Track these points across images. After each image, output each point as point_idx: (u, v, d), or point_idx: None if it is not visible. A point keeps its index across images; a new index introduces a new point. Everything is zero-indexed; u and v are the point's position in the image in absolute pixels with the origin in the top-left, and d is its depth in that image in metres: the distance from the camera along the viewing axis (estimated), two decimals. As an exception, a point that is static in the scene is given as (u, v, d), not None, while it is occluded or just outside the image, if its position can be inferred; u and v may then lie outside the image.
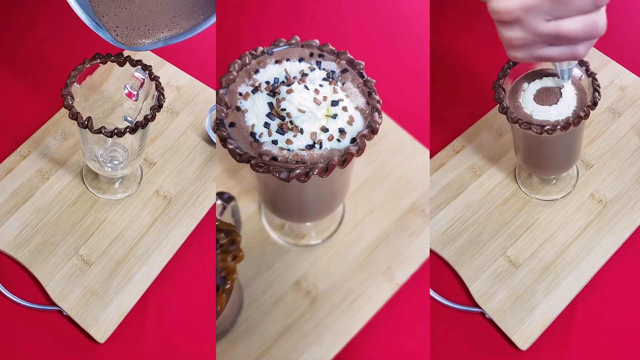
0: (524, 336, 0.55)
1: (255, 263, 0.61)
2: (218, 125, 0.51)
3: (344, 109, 0.51)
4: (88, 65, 0.55)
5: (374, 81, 0.53)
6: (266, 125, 0.50)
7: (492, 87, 0.54)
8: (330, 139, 0.50)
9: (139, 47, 0.53)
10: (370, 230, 0.63)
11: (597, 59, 0.68)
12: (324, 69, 0.53)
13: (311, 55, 0.54)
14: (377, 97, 0.52)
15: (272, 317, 0.59)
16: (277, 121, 0.50)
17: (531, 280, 0.57)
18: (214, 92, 0.68)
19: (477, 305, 0.57)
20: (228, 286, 0.50)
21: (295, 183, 0.50)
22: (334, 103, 0.51)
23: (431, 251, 0.60)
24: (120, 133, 0.54)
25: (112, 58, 0.55)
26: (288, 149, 0.50)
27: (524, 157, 0.59)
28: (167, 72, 0.69)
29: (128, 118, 0.59)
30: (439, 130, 0.66)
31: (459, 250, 0.59)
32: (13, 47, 0.70)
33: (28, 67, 0.69)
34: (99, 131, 0.53)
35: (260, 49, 0.54)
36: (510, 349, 0.56)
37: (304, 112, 0.50)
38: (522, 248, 0.59)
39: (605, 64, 0.68)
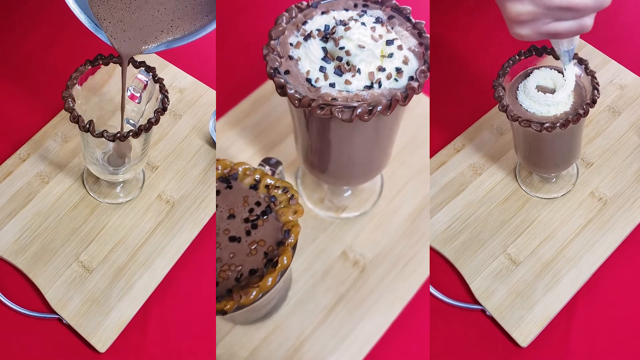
0: (524, 333, 0.58)
1: (299, 238, 0.61)
2: (273, 73, 0.52)
3: (399, 47, 0.53)
4: (89, 67, 0.56)
5: (424, 22, 0.55)
6: (322, 69, 0.52)
7: (492, 85, 0.57)
8: (389, 77, 0.52)
9: (138, 52, 0.54)
10: (410, 199, 0.66)
11: (596, 58, 0.71)
12: (371, 16, 0.55)
13: (355, 6, 0.56)
14: (428, 36, 0.54)
15: (324, 288, 0.62)
16: (334, 64, 0.52)
17: (531, 277, 0.60)
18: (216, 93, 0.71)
19: (477, 303, 0.60)
20: (292, 239, 0.52)
21: (347, 133, 0.52)
22: (389, 42, 0.52)
23: (432, 249, 0.63)
24: (122, 137, 0.55)
25: (114, 59, 0.56)
26: (347, 91, 0.51)
27: (524, 156, 0.62)
28: (170, 73, 0.71)
29: (130, 121, 0.61)
30: (440, 129, 0.69)
31: (459, 248, 0.62)
32: (13, 49, 0.72)
33: (28, 69, 0.71)
34: (100, 135, 0.54)
35: (305, 3, 0.56)
36: (511, 346, 0.58)
37: (363, 47, 0.51)
38: (523, 246, 0.62)
39: (605, 63, 0.71)
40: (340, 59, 0.52)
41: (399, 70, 0.52)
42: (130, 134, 0.55)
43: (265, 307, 0.59)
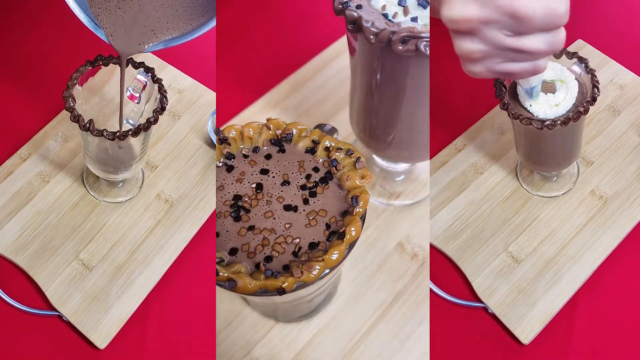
0: (526, 330, 0.59)
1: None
2: (346, 6, 0.47)
3: None
4: (90, 68, 0.58)
5: None
6: (401, 2, 0.46)
7: (494, 84, 0.58)
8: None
9: (136, 51, 0.56)
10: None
11: (596, 58, 0.73)
12: None
13: None
14: None
15: (378, 283, 0.57)
16: None
17: (533, 275, 0.61)
18: (216, 94, 0.72)
19: (479, 300, 0.61)
20: (360, 208, 0.46)
21: (427, 81, 0.45)
22: None
23: (434, 247, 0.64)
24: (122, 136, 0.56)
25: (114, 60, 0.58)
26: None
27: (525, 154, 0.63)
28: (169, 74, 0.73)
29: (130, 121, 0.62)
30: (441, 130, 0.70)
31: (461, 246, 0.63)
32: (14, 49, 0.74)
33: (29, 69, 0.73)
34: (100, 134, 0.56)
35: None
36: (513, 343, 0.60)
37: None
38: (524, 244, 0.63)
39: (605, 63, 0.73)
40: None
41: None
42: (130, 133, 0.56)
43: (315, 300, 0.53)
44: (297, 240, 0.46)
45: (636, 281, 0.62)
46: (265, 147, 0.51)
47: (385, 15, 0.47)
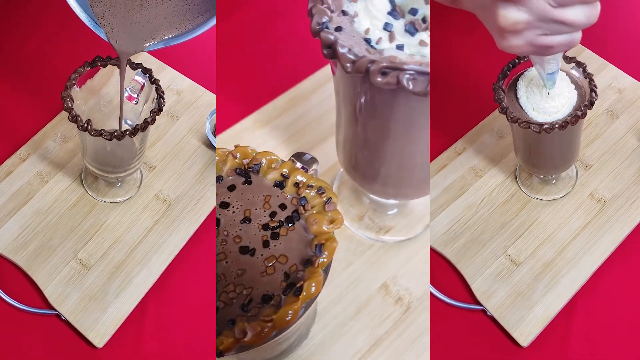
0: (524, 333, 0.60)
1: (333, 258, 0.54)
2: (322, 27, 0.42)
3: None
4: (88, 68, 0.59)
5: None
6: (387, 27, 0.42)
7: (492, 88, 0.59)
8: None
9: (136, 51, 0.56)
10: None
11: (595, 63, 0.74)
12: None
13: None
14: None
15: (356, 328, 0.52)
16: (403, 20, 0.41)
17: (531, 278, 0.62)
18: (214, 96, 0.73)
19: (478, 303, 0.62)
20: (325, 258, 0.41)
21: (414, 117, 0.40)
22: None
23: (433, 250, 0.65)
24: (119, 136, 0.57)
25: (112, 61, 0.59)
26: (422, 55, 0.40)
27: (524, 158, 0.64)
28: (168, 76, 0.74)
29: (128, 121, 0.63)
30: (441, 133, 0.71)
31: (460, 249, 0.64)
32: (14, 50, 0.75)
33: (29, 70, 0.74)
34: (98, 134, 0.57)
35: None
36: (512, 346, 0.61)
37: None
38: (523, 247, 0.64)
39: (604, 67, 0.74)
40: (414, 11, 0.42)
41: None
42: (127, 133, 0.57)
43: (280, 346, 0.48)
44: (250, 290, 0.41)
45: (634, 284, 0.63)
46: (229, 177, 0.46)
47: (368, 41, 0.43)
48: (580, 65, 0.60)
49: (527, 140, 0.63)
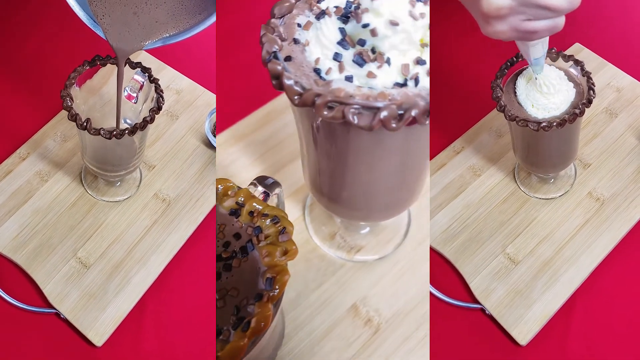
0: (523, 331, 0.60)
1: (299, 281, 0.54)
2: (270, 58, 0.42)
3: None
4: (88, 68, 0.59)
5: None
6: (337, 57, 0.40)
7: (491, 86, 0.59)
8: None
9: (135, 49, 0.57)
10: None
11: (594, 62, 0.75)
12: None
13: None
14: None
15: (324, 351, 0.51)
16: (354, 50, 0.40)
17: (530, 276, 0.63)
18: (214, 95, 0.73)
19: (477, 302, 0.62)
20: (276, 292, 0.40)
21: (367, 148, 0.40)
22: None
23: (432, 249, 0.65)
24: (118, 135, 0.57)
25: (112, 60, 0.59)
26: (370, 87, 0.39)
27: (523, 156, 0.65)
28: (167, 75, 0.74)
29: (127, 120, 0.64)
30: (440, 132, 0.72)
31: (459, 248, 0.65)
32: (14, 50, 0.76)
33: (29, 70, 0.75)
34: (97, 132, 0.57)
35: None
36: (510, 344, 0.61)
37: (396, 25, 0.39)
38: (521, 245, 0.64)
39: (602, 67, 0.75)
40: (362, 42, 0.40)
41: None
42: (127, 131, 0.57)
43: None
44: None
45: (632, 283, 0.63)
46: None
47: (318, 71, 0.41)
48: (578, 63, 0.60)
49: (525, 138, 0.63)
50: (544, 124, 0.58)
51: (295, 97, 0.40)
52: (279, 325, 0.49)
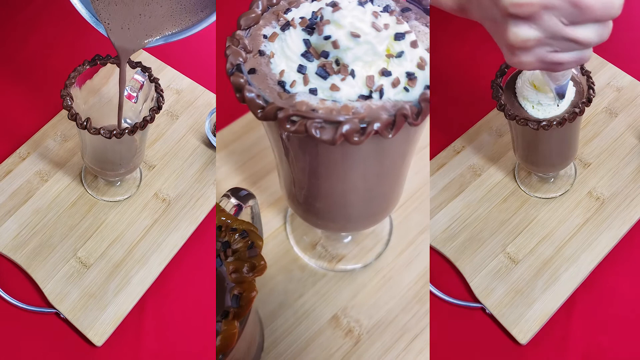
0: (523, 330, 0.60)
1: (279, 292, 0.54)
2: (234, 71, 0.41)
3: (413, 44, 0.41)
4: (88, 67, 0.59)
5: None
6: (301, 69, 0.40)
7: (491, 86, 0.60)
8: (395, 84, 0.39)
9: (137, 47, 0.57)
10: (426, 251, 0.57)
11: (594, 61, 0.75)
12: (378, 5, 0.43)
13: None
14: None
15: None
16: (317, 62, 0.40)
17: (530, 275, 0.63)
18: (214, 95, 0.73)
19: (477, 301, 0.62)
20: (242, 310, 0.39)
21: (337, 161, 0.40)
22: (399, 36, 0.40)
23: (432, 248, 0.65)
24: (118, 134, 0.58)
25: (112, 60, 0.59)
26: (333, 100, 0.39)
27: (523, 156, 0.65)
28: (167, 75, 0.75)
29: (127, 120, 0.64)
30: (440, 132, 0.72)
31: (459, 247, 0.65)
32: (15, 49, 0.76)
33: (29, 70, 0.75)
34: (97, 132, 0.57)
35: None
36: (511, 343, 0.61)
37: (358, 37, 0.38)
38: (522, 245, 0.64)
39: (602, 66, 0.75)
40: (326, 54, 0.40)
41: (411, 77, 0.40)
42: (127, 131, 0.58)
43: None
44: None
45: (632, 282, 0.63)
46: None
47: (282, 84, 0.41)
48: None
49: (525, 138, 0.63)
50: (543, 123, 0.58)
51: (258, 111, 0.40)
52: (258, 337, 0.48)
